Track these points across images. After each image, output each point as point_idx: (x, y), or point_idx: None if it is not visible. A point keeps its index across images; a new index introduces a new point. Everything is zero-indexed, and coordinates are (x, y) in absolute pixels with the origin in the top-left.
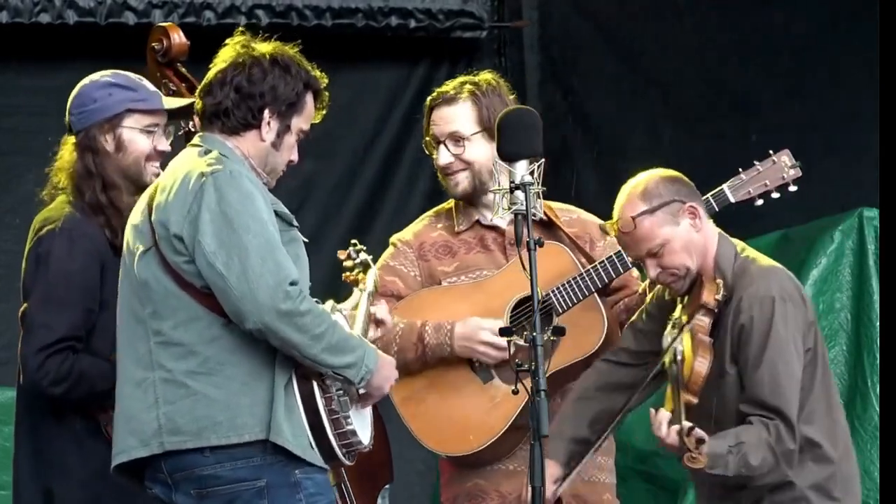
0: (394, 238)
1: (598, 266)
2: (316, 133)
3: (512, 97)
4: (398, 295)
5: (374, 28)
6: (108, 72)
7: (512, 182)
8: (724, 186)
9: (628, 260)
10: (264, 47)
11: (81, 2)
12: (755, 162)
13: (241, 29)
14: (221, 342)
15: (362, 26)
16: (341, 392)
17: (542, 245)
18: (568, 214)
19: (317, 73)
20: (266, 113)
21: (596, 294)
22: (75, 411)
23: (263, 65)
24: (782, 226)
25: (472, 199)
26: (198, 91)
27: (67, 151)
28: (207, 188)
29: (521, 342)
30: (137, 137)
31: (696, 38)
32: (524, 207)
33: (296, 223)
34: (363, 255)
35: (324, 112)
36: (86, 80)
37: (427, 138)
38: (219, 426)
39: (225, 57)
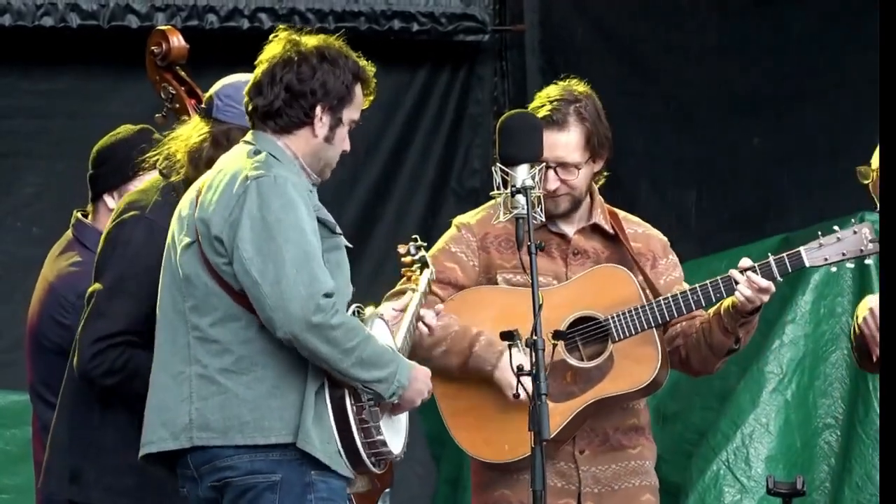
0: (457, 221)
1: (663, 302)
2: None
3: (600, 104)
4: (455, 283)
5: (376, 31)
6: None
7: (513, 186)
8: (801, 249)
9: (693, 301)
10: (310, 41)
11: (84, 5)
12: (835, 228)
13: (281, 27)
14: (256, 343)
15: (365, 30)
16: (372, 402)
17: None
18: (634, 227)
19: (363, 62)
20: (318, 109)
21: (655, 329)
22: (124, 406)
23: (312, 61)
24: (783, 230)
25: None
26: (246, 90)
27: (196, 132)
28: (250, 193)
29: (575, 362)
30: None
31: (698, 40)
32: (525, 211)
33: (339, 230)
34: (422, 252)
35: (371, 98)
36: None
37: None
38: (245, 426)
39: (271, 54)
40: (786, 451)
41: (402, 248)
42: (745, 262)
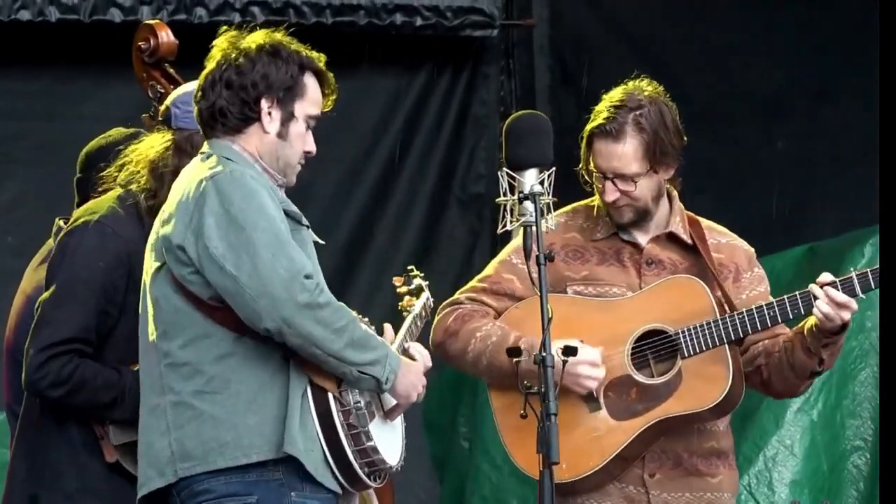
0: None
1: (737, 317)
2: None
3: (674, 106)
4: (512, 295)
5: (377, 26)
6: None
7: (520, 192)
8: None
9: (770, 316)
10: (251, 38)
11: None
12: None
13: (224, 28)
14: (230, 359)
15: (364, 24)
16: (359, 405)
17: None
18: (718, 237)
19: (312, 53)
20: (263, 103)
21: (728, 346)
22: (75, 419)
23: (250, 54)
24: (808, 239)
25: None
26: (193, 98)
27: (158, 141)
28: (209, 192)
29: (640, 378)
30: None
31: (719, 38)
32: (533, 219)
33: (306, 222)
34: (417, 281)
35: (334, 96)
36: None
37: (588, 168)
38: (225, 447)
39: (213, 57)
40: (811, 475)
41: (397, 281)
42: (827, 276)
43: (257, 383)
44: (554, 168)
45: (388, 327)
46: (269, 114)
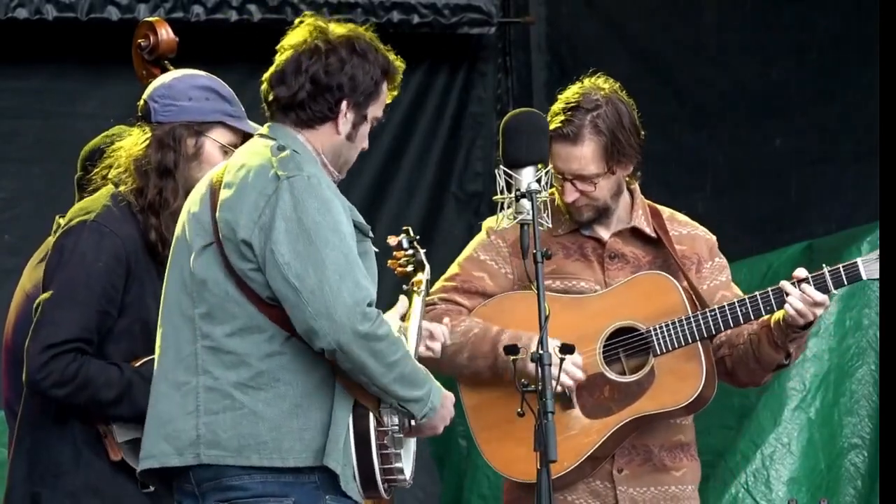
0: (487, 224)
1: (709, 315)
2: None
3: (631, 103)
4: (483, 293)
5: (374, 24)
6: (204, 73)
7: (518, 190)
8: (859, 260)
9: (742, 313)
10: (339, 30)
11: None
12: None
13: (308, 13)
14: (280, 358)
15: (362, 22)
16: (396, 427)
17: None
18: (679, 228)
19: (392, 56)
20: (343, 105)
21: (700, 343)
22: (78, 418)
23: (341, 53)
24: (805, 237)
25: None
26: (266, 76)
27: (139, 138)
28: (283, 194)
29: (613, 376)
30: (215, 153)
31: (716, 36)
32: (530, 217)
33: (371, 234)
34: (419, 255)
35: (395, 93)
36: (181, 74)
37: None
38: (263, 446)
39: (295, 40)
40: (809, 473)
41: (392, 240)
42: (801, 272)
43: (304, 388)
44: (550, 166)
45: (402, 298)
46: (346, 115)
